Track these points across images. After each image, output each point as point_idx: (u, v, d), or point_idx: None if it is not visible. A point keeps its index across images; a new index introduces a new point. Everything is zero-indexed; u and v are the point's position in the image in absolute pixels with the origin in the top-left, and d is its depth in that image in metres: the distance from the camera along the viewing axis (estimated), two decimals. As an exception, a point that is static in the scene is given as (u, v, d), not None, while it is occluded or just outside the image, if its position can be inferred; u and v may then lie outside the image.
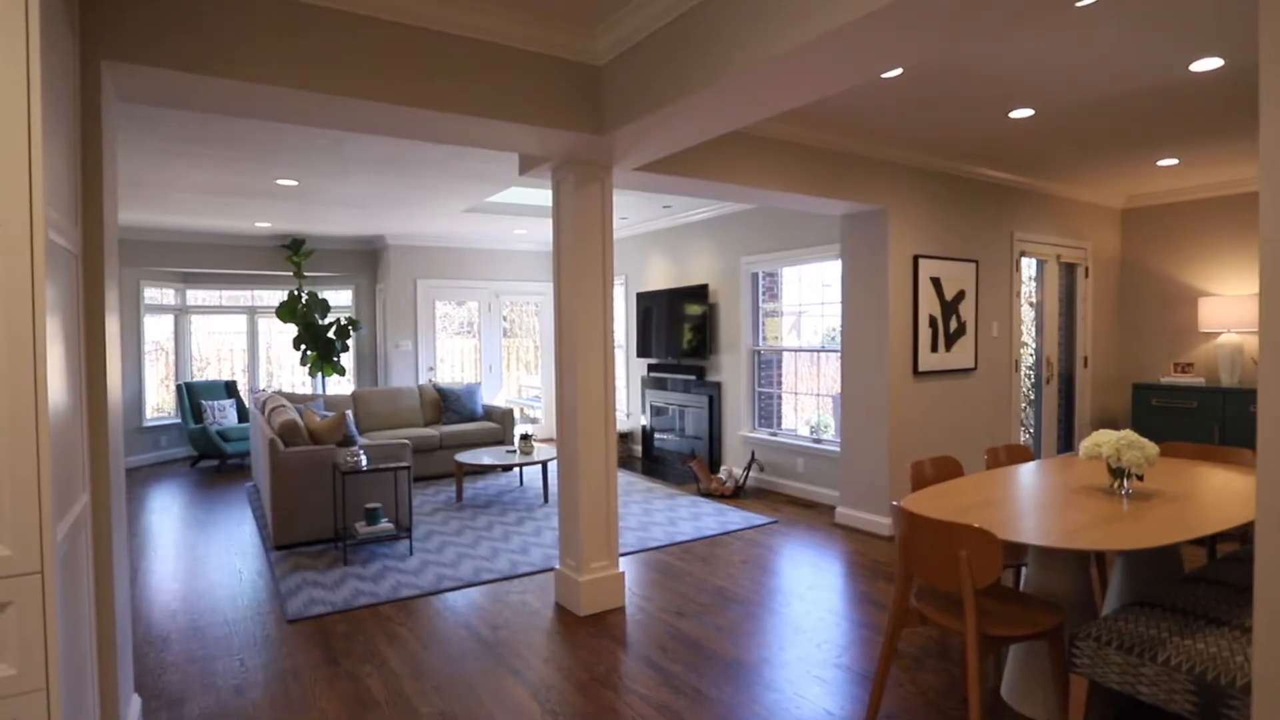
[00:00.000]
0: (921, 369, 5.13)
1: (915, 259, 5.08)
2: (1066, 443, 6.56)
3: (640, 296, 7.91)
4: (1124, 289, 6.94)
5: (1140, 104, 3.96)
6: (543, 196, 6.94)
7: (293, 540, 4.82)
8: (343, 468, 4.61)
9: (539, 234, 8.69)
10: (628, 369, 8.56)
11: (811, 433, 6.76)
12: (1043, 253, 6.11)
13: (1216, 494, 2.80)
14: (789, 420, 6.78)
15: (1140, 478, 2.85)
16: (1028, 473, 3.27)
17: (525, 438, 6.25)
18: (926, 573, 2.39)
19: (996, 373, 5.75)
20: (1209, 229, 6.33)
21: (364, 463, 4.69)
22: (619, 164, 3.70)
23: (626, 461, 7.96)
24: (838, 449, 5.79)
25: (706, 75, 2.60)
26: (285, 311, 8.24)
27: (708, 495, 6.30)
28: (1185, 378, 6.19)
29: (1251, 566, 2.64)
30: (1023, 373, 6.13)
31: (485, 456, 6.21)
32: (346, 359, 9.48)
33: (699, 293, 7.04)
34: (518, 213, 7.31)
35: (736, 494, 6.32)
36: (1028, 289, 6.25)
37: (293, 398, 7.04)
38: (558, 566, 3.93)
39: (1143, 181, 6.03)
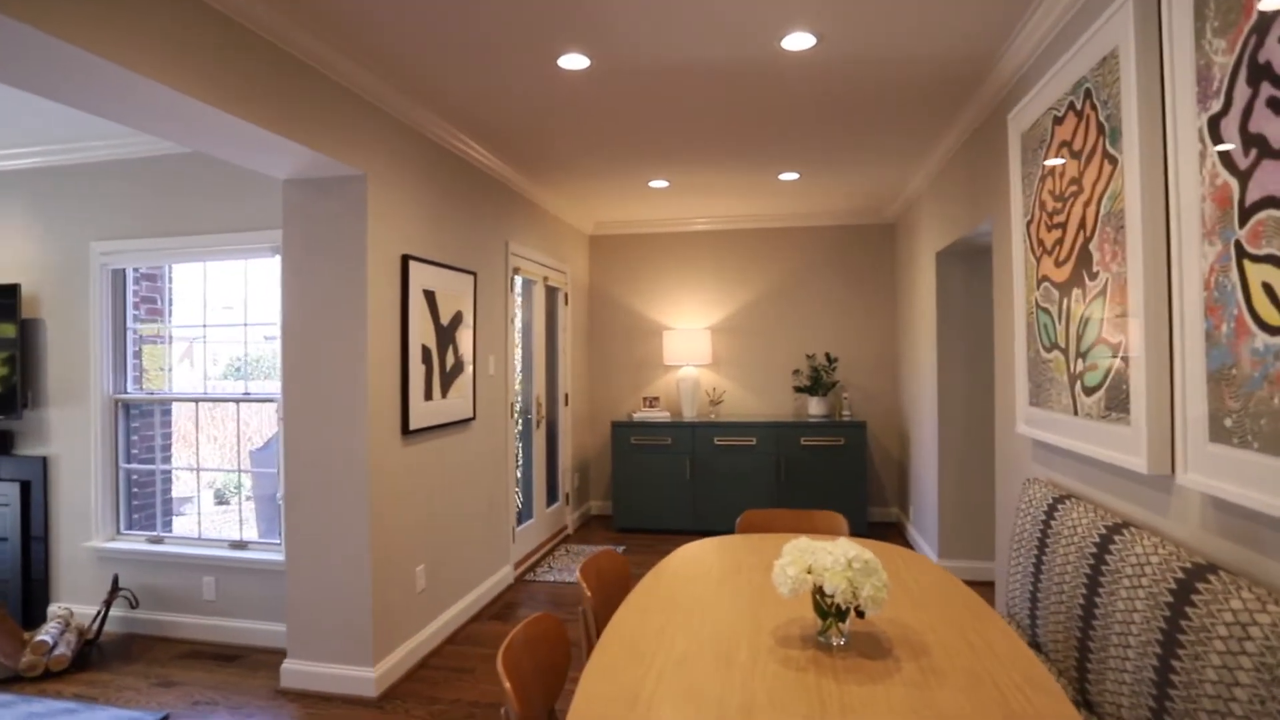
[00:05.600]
0: (414, 426, 3.47)
1: (405, 260, 3.40)
2: (553, 494, 5.72)
3: None
4: (594, 320, 6.54)
5: (710, 83, 3.13)
6: None
7: None
8: None
9: None
10: None
11: (218, 501, 4.41)
12: (533, 272, 5.12)
13: (947, 615, 1.90)
14: (186, 512, 4.26)
15: (862, 614, 1.78)
16: (679, 613, 1.93)
17: None
18: None
19: (494, 421, 4.46)
20: (667, 264, 6.34)
21: None
22: None
23: None
24: (279, 558, 3.65)
25: None
26: None
27: (18, 679, 3.37)
28: (653, 412, 6.00)
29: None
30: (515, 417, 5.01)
31: None
32: None
33: (3, 302, 3.95)
34: None
35: (82, 661, 3.55)
36: (517, 316, 5.18)
37: None
38: None
39: (614, 207, 5.61)
